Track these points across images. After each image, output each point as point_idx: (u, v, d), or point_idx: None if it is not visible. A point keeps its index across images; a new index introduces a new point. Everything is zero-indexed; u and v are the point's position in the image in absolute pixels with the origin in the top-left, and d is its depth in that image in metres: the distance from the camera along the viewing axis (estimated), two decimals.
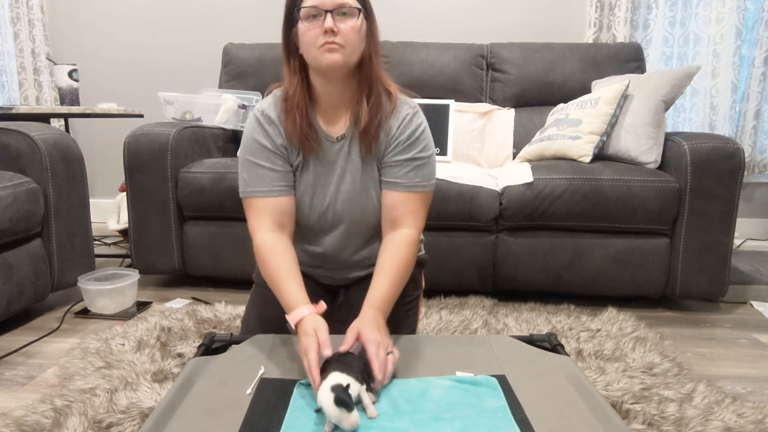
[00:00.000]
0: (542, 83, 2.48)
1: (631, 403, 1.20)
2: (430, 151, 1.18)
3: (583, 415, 0.83)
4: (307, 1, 1.04)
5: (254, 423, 0.82)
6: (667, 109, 1.94)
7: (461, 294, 1.98)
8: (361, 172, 1.17)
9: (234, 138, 2.46)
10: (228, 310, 1.80)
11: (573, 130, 2.02)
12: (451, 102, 2.24)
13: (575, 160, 1.96)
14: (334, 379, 0.81)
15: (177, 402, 0.88)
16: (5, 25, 3.13)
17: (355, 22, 1.05)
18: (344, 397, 0.77)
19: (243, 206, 1.19)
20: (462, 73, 2.51)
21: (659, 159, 1.90)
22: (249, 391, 0.91)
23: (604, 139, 1.99)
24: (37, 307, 1.89)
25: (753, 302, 1.98)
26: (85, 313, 1.82)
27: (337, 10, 1.03)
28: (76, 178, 1.87)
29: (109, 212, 2.60)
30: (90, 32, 3.15)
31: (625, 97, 2.01)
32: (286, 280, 1.07)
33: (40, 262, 1.74)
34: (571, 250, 1.86)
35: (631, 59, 2.45)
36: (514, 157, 2.37)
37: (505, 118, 2.43)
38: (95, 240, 2.75)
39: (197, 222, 2.03)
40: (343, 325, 1.22)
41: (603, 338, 1.58)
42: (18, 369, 1.44)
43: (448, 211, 1.85)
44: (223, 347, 1.13)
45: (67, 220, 1.84)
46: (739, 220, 3.02)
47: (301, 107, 1.12)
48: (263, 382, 0.94)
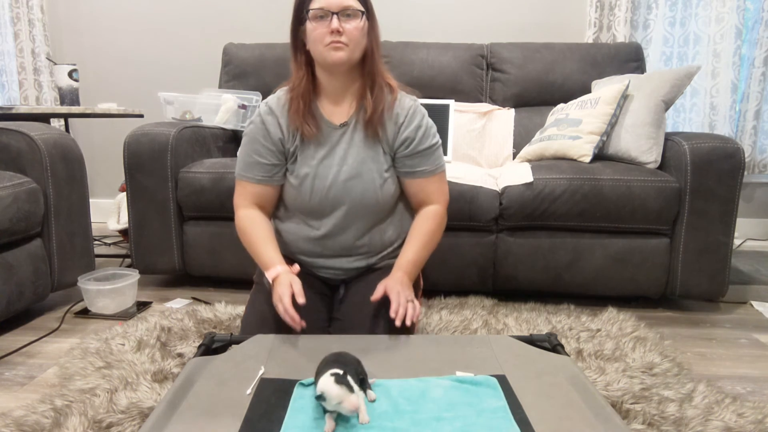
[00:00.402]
0: (542, 83, 2.48)
1: (631, 403, 1.20)
2: (437, 137, 1.32)
3: (583, 415, 0.83)
4: (315, 3, 1.16)
5: (254, 423, 0.82)
6: (667, 109, 1.94)
7: (461, 294, 1.98)
8: (363, 156, 1.26)
9: (234, 138, 2.46)
10: (228, 310, 1.80)
11: (573, 130, 2.02)
12: (451, 102, 2.24)
13: (575, 160, 1.96)
14: (333, 371, 0.83)
15: (177, 402, 0.88)
16: (5, 25, 3.13)
17: (358, 23, 1.17)
18: (344, 378, 0.81)
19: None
20: (462, 73, 2.51)
21: (659, 159, 1.90)
22: (249, 391, 0.91)
23: (604, 139, 1.99)
24: (37, 307, 1.89)
25: (753, 302, 1.98)
26: (85, 313, 1.82)
27: (343, 12, 1.15)
28: (76, 178, 1.87)
29: (109, 212, 2.60)
30: (90, 32, 3.15)
31: (625, 97, 2.01)
32: (263, 245, 1.23)
33: (40, 262, 1.74)
34: (571, 250, 1.86)
35: (631, 59, 2.45)
36: (514, 157, 2.37)
37: (505, 118, 2.43)
38: (95, 240, 2.75)
39: (197, 222, 2.03)
40: (344, 322, 1.24)
41: (603, 338, 1.58)
42: (18, 369, 1.44)
43: (449, 211, 1.83)
44: (223, 347, 1.13)
45: (67, 220, 1.84)
46: (739, 220, 3.02)
47: (305, 96, 1.24)
48: (263, 382, 0.94)
